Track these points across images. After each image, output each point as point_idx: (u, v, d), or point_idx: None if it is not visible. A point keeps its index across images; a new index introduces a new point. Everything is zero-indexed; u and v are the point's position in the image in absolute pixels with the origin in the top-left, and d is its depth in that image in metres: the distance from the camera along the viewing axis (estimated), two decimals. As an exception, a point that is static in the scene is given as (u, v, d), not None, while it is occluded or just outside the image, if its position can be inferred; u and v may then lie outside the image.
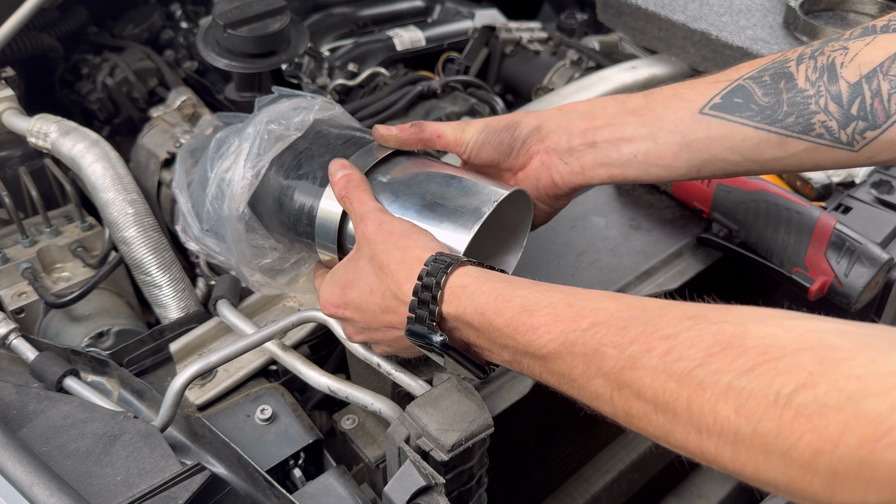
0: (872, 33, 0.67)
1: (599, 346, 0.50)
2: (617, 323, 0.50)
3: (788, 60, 0.70)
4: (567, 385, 0.54)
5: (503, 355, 0.60)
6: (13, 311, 1.02)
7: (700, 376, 0.43)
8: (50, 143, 1.02)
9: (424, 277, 0.63)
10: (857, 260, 0.87)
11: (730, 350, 0.43)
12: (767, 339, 0.42)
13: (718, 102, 0.71)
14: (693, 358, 0.44)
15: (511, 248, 0.82)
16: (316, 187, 0.77)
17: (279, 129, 0.81)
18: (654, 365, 0.46)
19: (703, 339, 0.44)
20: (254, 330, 0.83)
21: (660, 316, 0.49)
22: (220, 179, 0.81)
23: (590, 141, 0.76)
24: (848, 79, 0.66)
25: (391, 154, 0.80)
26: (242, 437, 0.78)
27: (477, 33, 1.50)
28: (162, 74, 1.33)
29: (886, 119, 0.65)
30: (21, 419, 0.73)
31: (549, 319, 0.55)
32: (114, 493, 0.66)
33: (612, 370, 0.49)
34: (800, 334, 0.42)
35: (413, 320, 0.63)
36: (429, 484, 0.66)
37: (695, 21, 1.25)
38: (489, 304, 0.59)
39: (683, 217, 1.02)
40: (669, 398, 0.44)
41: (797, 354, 0.40)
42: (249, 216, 0.81)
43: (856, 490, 0.37)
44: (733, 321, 0.45)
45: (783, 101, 0.68)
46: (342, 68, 1.39)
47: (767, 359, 0.41)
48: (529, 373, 0.58)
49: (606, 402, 0.50)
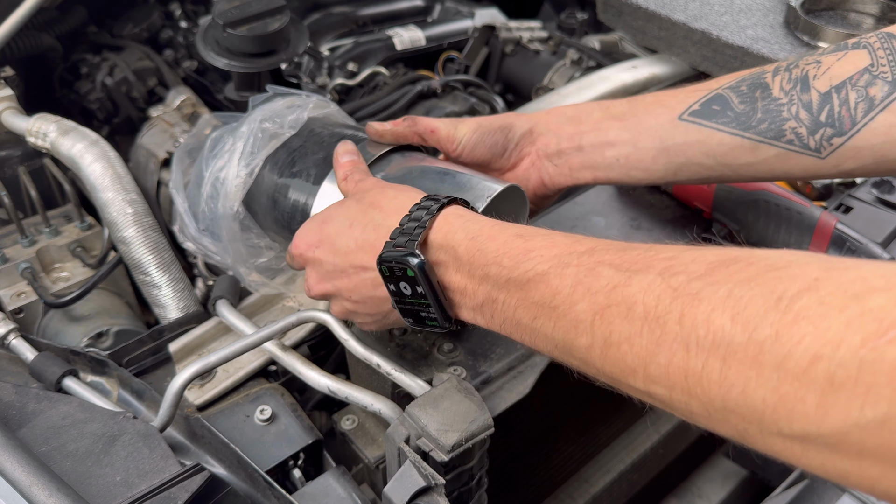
0: (844, 49, 0.71)
1: (596, 265, 0.48)
2: (616, 247, 0.49)
3: (765, 72, 0.74)
4: (543, 316, 0.50)
5: (477, 295, 0.56)
6: (12, 311, 1.02)
7: (697, 287, 0.41)
8: (49, 143, 1.02)
9: (414, 211, 0.61)
10: (857, 260, 0.87)
11: (734, 264, 0.41)
12: (775, 257, 0.40)
13: (697, 109, 0.75)
14: (693, 272, 0.42)
15: None
16: (310, 185, 0.77)
17: (273, 127, 0.81)
18: (651, 280, 0.44)
19: (706, 257, 0.43)
20: (253, 330, 0.83)
21: (661, 247, 0.47)
22: (215, 178, 0.81)
23: (577, 145, 0.80)
24: (819, 89, 0.70)
25: (387, 152, 0.80)
26: (242, 437, 0.78)
27: (477, 33, 1.50)
28: (161, 74, 1.33)
29: (852, 126, 0.68)
30: (20, 419, 0.73)
31: (544, 244, 0.53)
32: (113, 493, 0.66)
33: (604, 289, 0.46)
34: (806, 254, 0.40)
35: (389, 245, 0.60)
36: (429, 484, 0.66)
37: (695, 20, 1.25)
38: (483, 230, 0.57)
39: (684, 217, 1.01)
40: (662, 311, 0.42)
41: (804, 266, 0.38)
42: (244, 215, 0.81)
43: (852, 402, 0.34)
44: (737, 249, 0.43)
45: (758, 109, 0.72)
46: (342, 68, 1.39)
47: (772, 269, 0.39)
48: (501, 314, 0.54)
49: (584, 331, 0.47)
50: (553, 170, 0.81)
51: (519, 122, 0.81)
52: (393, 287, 0.61)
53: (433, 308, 0.59)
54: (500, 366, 0.80)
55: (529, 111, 1.20)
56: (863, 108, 0.68)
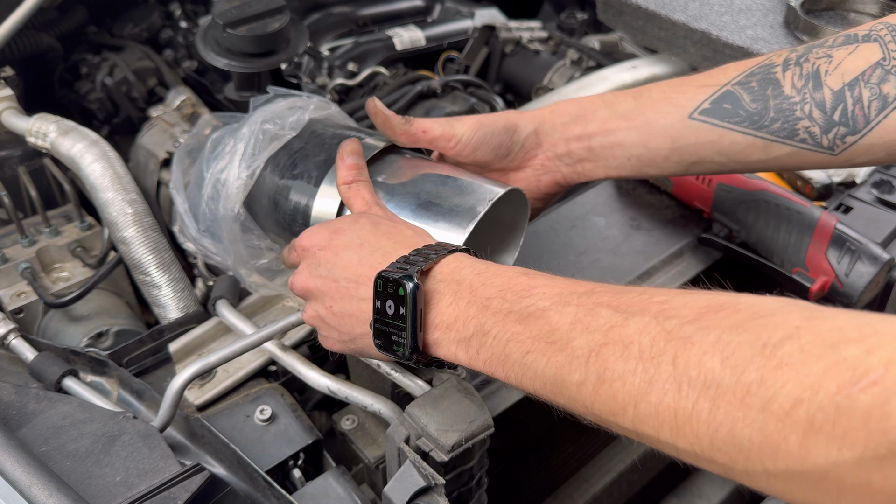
0: (854, 42, 0.70)
1: (595, 306, 0.50)
2: (615, 290, 0.51)
3: (774, 66, 0.73)
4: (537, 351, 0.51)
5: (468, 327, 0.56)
6: (12, 311, 1.02)
7: (689, 332, 0.43)
8: (49, 143, 1.02)
9: (425, 250, 0.62)
10: (857, 260, 0.87)
11: (722, 311, 0.44)
12: (759, 305, 0.43)
13: (708, 108, 0.74)
14: (685, 316, 0.45)
15: (508, 247, 0.82)
16: (311, 187, 0.77)
17: (274, 128, 0.80)
18: (646, 322, 0.46)
19: (697, 302, 0.45)
20: (253, 330, 0.83)
21: (656, 291, 0.50)
22: (216, 180, 0.81)
23: (586, 146, 0.79)
24: (831, 86, 0.69)
25: (386, 153, 0.80)
26: (242, 437, 0.78)
27: (477, 33, 1.50)
28: (161, 74, 1.33)
29: (866, 125, 0.68)
30: (20, 419, 0.73)
31: (546, 283, 0.55)
32: (113, 493, 0.66)
33: (601, 328, 0.48)
34: (788, 302, 0.43)
35: (393, 265, 0.60)
36: (429, 484, 0.66)
37: (695, 20, 1.25)
38: (490, 268, 0.59)
39: (684, 217, 1.01)
40: (656, 352, 0.44)
41: (786, 314, 0.41)
42: (245, 216, 0.81)
43: (830, 443, 0.37)
44: (726, 294, 0.46)
45: (770, 108, 0.72)
46: (342, 68, 1.39)
47: (757, 316, 0.42)
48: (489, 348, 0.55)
49: (578, 368, 0.48)
50: (567, 169, 0.81)
51: (523, 123, 0.80)
52: (379, 304, 0.61)
53: (405, 332, 0.59)
54: (500, 366, 0.80)
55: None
56: (876, 106, 0.68)
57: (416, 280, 0.58)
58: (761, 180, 0.95)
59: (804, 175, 1.06)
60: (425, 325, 0.59)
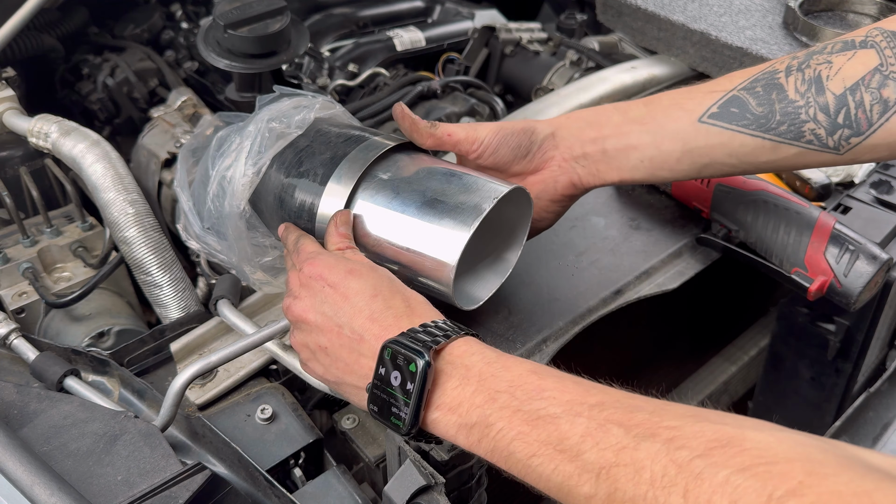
0: (852, 48, 0.74)
1: (606, 422, 0.51)
2: (624, 406, 0.52)
3: (777, 72, 0.76)
4: (543, 456, 0.52)
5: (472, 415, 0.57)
6: (14, 310, 1.02)
7: (700, 466, 0.45)
8: (51, 144, 1.02)
9: (438, 325, 0.63)
10: (856, 259, 0.87)
11: (729, 447, 0.45)
12: (763, 445, 0.45)
13: (716, 112, 0.77)
14: (695, 448, 0.46)
15: (511, 246, 0.83)
16: (316, 185, 0.78)
17: (280, 127, 0.81)
18: (658, 449, 0.47)
19: (705, 434, 0.47)
20: (254, 330, 0.83)
21: (663, 409, 0.51)
22: (222, 177, 0.81)
23: (601, 149, 0.81)
24: (834, 91, 0.73)
25: (392, 151, 0.80)
26: (243, 436, 0.78)
27: (477, 34, 1.50)
28: (162, 75, 1.33)
29: (869, 127, 0.72)
30: (22, 419, 0.73)
31: (557, 386, 0.55)
32: (114, 492, 0.67)
33: (613, 447, 0.49)
34: (790, 446, 0.45)
35: (407, 335, 0.61)
36: (429, 483, 0.66)
37: (694, 21, 1.25)
38: (500, 359, 0.59)
39: (683, 217, 1.02)
40: (668, 483, 0.46)
41: (789, 463, 0.43)
42: (250, 214, 0.82)
43: None
44: (732, 424, 0.48)
45: (776, 111, 0.75)
46: (342, 69, 1.39)
47: (763, 462, 0.44)
48: (492, 440, 0.55)
49: (588, 481, 0.50)
50: (582, 171, 0.82)
51: (540, 126, 0.82)
52: (383, 371, 0.61)
53: (407, 409, 0.59)
54: (499, 365, 0.80)
55: (529, 112, 1.21)
56: (878, 109, 0.72)
57: (429, 358, 0.58)
58: (760, 180, 0.95)
59: (803, 175, 1.06)
60: (427, 402, 0.60)
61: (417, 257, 0.73)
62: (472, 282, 0.82)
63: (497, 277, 0.82)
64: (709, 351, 1.29)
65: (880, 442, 0.88)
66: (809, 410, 1.14)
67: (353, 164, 0.77)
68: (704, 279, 0.95)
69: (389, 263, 0.76)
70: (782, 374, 1.14)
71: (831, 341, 1.05)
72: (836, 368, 1.08)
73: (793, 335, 1.10)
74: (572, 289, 0.89)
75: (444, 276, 0.72)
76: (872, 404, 0.91)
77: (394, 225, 0.74)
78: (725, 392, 1.29)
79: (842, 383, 1.09)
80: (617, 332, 1.00)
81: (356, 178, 0.76)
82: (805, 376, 1.12)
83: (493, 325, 0.84)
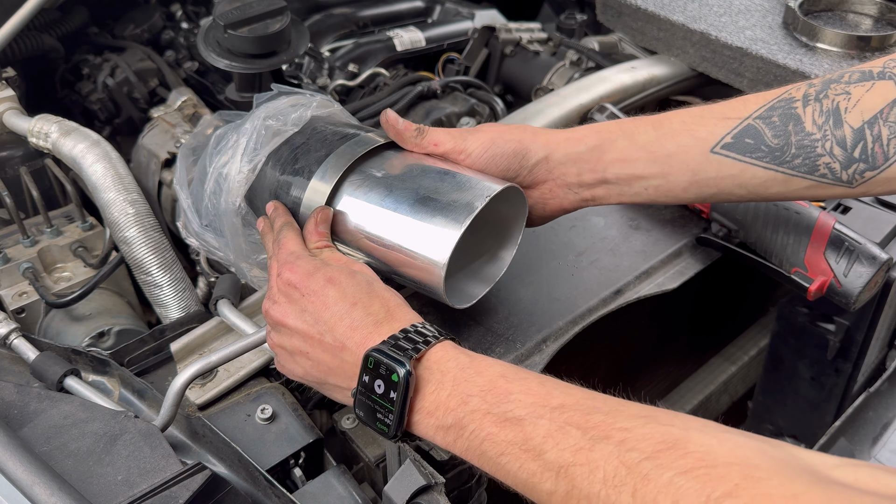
0: (871, 79, 0.73)
1: (565, 424, 0.54)
2: (582, 408, 0.55)
3: (795, 100, 0.74)
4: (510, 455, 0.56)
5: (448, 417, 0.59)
6: (14, 310, 1.02)
7: (647, 468, 0.48)
8: (51, 144, 1.02)
9: (418, 329, 0.64)
10: (856, 260, 0.87)
11: (675, 450, 0.49)
12: (705, 448, 0.48)
13: (730, 142, 0.75)
14: (643, 450, 0.50)
15: (505, 245, 0.83)
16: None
17: (276, 124, 0.81)
18: (610, 451, 0.51)
19: (654, 436, 0.50)
20: (254, 329, 0.84)
21: (618, 411, 0.54)
22: (218, 174, 0.82)
23: (601, 177, 0.79)
24: (852, 124, 0.72)
25: (386, 148, 0.80)
26: (243, 436, 0.78)
27: (477, 34, 1.50)
28: (163, 75, 1.33)
29: (885, 161, 0.71)
30: (22, 419, 0.73)
31: (521, 389, 0.58)
32: (114, 492, 0.67)
33: (570, 448, 0.53)
34: (730, 449, 0.48)
35: (389, 343, 0.62)
36: (429, 483, 0.67)
37: (694, 21, 1.25)
38: (473, 363, 0.62)
39: (683, 217, 1.02)
40: (618, 482, 0.49)
41: (728, 467, 0.46)
42: (246, 210, 0.82)
43: None
44: (679, 426, 0.51)
45: (792, 144, 0.73)
46: (342, 69, 1.39)
47: (704, 464, 0.47)
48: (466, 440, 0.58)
49: (549, 479, 0.53)
50: (574, 197, 0.80)
51: (535, 148, 0.79)
52: (367, 379, 0.63)
53: (392, 416, 0.62)
54: (499, 365, 0.80)
55: (529, 112, 1.21)
56: (895, 144, 0.71)
57: (409, 368, 0.60)
58: (760, 181, 0.96)
59: (803, 175, 1.06)
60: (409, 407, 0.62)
61: (409, 255, 0.73)
62: (465, 280, 0.82)
63: (491, 276, 0.82)
64: (709, 351, 1.29)
65: (880, 442, 0.88)
66: (809, 410, 1.15)
67: (340, 159, 0.77)
68: (704, 279, 0.96)
69: (380, 261, 0.76)
70: (782, 374, 1.14)
71: (831, 341, 1.05)
72: (835, 368, 1.08)
73: (792, 335, 1.10)
74: (572, 289, 0.89)
75: (435, 274, 0.72)
76: (872, 404, 0.91)
77: (385, 222, 0.74)
78: (725, 392, 1.29)
79: (841, 383, 1.09)
80: (617, 331, 1.00)
81: (340, 173, 0.76)
82: (805, 376, 1.12)
83: (493, 325, 0.84)
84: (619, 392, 0.58)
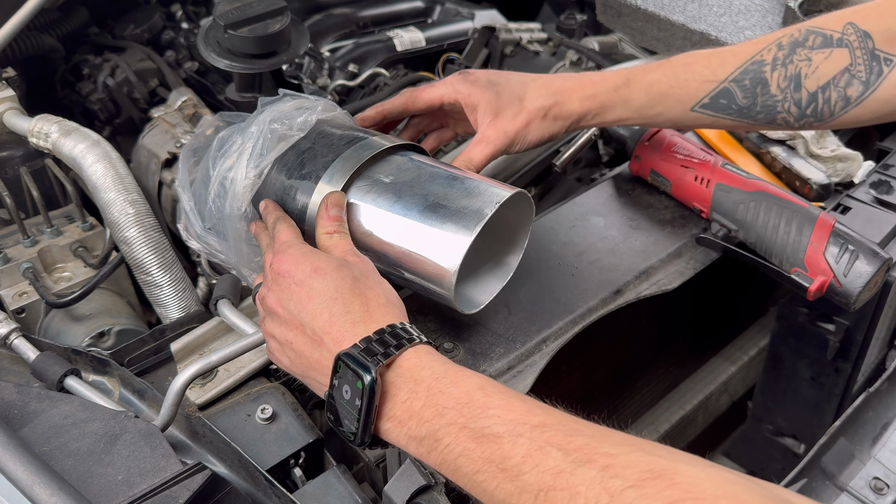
0: (830, 46, 0.86)
1: (546, 444, 0.52)
2: (565, 429, 0.53)
3: (765, 64, 0.88)
4: (486, 472, 0.54)
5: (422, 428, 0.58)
6: (14, 310, 1.02)
7: (631, 497, 0.47)
8: (51, 144, 1.02)
9: (395, 330, 0.63)
10: (856, 259, 0.87)
11: (661, 480, 0.47)
12: (693, 480, 0.47)
13: (707, 102, 0.90)
14: (628, 478, 0.48)
15: (512, 250, 0.83)
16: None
17: (282, 128, 0.81)
18: (593, 476, 0.49)
19: (639, 464, 0.48)
20: (254, 329, 0.84)
21: (602, 436, 0.52)
22: (223, 178, 0.81)
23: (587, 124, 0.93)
24: (808, 88, 0.87)
25: (393, 153, 0.80)
26: (243, 436, 0.78)
27: (477, 34, 1.50)
28: (163, 75, 1.33)
29: (830, 117, 0.88)
30: (22, 419, 0.73)
31: (501, 404, 0.56)
32: (115, 492, 0.67)
33: (550, 470, 0.51)
34: (718, 483, 0.47)
35: (359, 348, 0.61)
36: (429, 483, 0.67)
37: (694, 22, 1.25)
38: (448, 373, 0.60)
39: (682, 217, 1.02)
40: None
41: (716, 500, 0.45)
42: (252, 215, 0.82)
43: None
44: (666, 457, 0.49)
45: (757, 104, 0.89)
46: (342, 69, 1.39)
47: (691, 497, 0.46)
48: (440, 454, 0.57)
49: (528, 501, 0.51)
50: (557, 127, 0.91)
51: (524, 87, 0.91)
52: (336, 383, 0.62)
53: (357, 425, 0.61)
54: (499, 365, 0.80)
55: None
56: (840, 105, 0.86)
57: (375, 374, 0.59)
58: (760, 180, 0.96)
59: (803, 175, 1.06)
60: (379, 414, 0.61)
61: (419, 262, 0.73)
62: (472, 286, 0.82)
63: (498, 281, 0.82)
64: (709, 351, 1.29)
65: (880, 442, 0.88)
66: (809, 410, 1.15)
67: (346, 164, 0.77)
68: (704, 279, 0.96)
69: (388, 267, 0.76)
70: (782, 374, 1.14)
71: (831, 341, 1.05)
72: (835, 368, 1.08)
73: (792, 335, 1.10)
74: (572, 289, 0.89)
75: (446, 280, 0.72)
76: (872, 404, 0.91)
77: (395, 228, 0.75)
78: (725, 392, 1.29)
79: (841, 383, 1.09)
80: (617, 331, 1.00)
81: (347, 178, 0.76)
82: (805, 376, 1.12)
83: (493, 325, 0.84)
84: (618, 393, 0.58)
